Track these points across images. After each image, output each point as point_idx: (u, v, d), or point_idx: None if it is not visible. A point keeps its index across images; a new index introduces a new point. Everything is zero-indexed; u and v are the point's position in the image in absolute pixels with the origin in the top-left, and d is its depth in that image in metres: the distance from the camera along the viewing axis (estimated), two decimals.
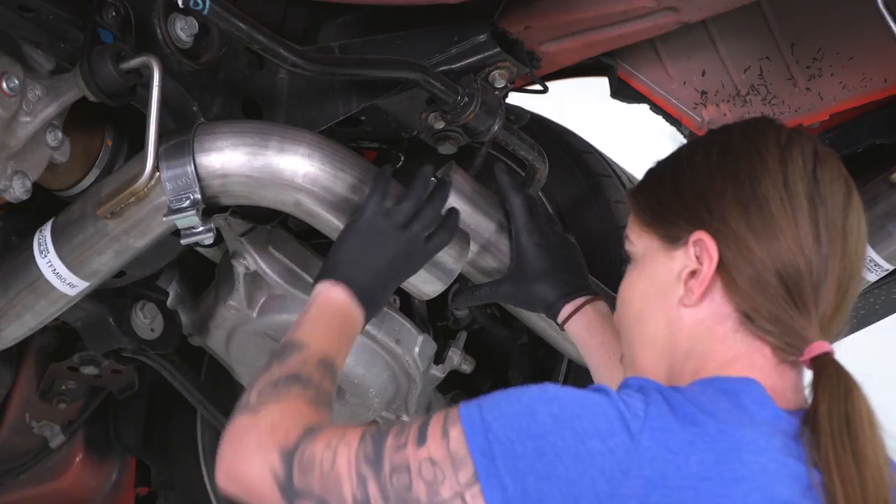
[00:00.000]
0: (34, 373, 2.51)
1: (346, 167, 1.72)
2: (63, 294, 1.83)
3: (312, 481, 1.33)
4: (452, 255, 1.82)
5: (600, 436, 1.24)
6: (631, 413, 1.25)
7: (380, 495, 1.29)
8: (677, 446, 1.24)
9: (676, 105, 2.14)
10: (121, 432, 2.78)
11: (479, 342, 2.36)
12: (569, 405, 1.26)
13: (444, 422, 1.30)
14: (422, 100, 1.83)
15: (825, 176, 1.37)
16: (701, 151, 1.43)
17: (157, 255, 2.00)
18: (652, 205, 1.44)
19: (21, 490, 2.66)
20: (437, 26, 1.83)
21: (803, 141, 1.40)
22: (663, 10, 1.78)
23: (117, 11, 1.69)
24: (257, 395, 1.46)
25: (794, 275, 1.33)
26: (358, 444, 1.33)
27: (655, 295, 1.42)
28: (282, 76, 1.90)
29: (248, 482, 1.38)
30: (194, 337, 2.26)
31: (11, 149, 1.70)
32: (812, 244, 1.34)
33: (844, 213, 1.36)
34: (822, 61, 1.99)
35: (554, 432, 1.24)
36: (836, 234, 1.35)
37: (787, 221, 1.34)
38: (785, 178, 1.35)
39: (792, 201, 1.34)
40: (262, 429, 1.40)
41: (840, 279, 1.35)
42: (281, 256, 2.05)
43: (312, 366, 1.51)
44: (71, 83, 1.70)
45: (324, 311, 1.61)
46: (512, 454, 1.24)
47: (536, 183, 2.00)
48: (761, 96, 2.07)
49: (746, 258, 1.34)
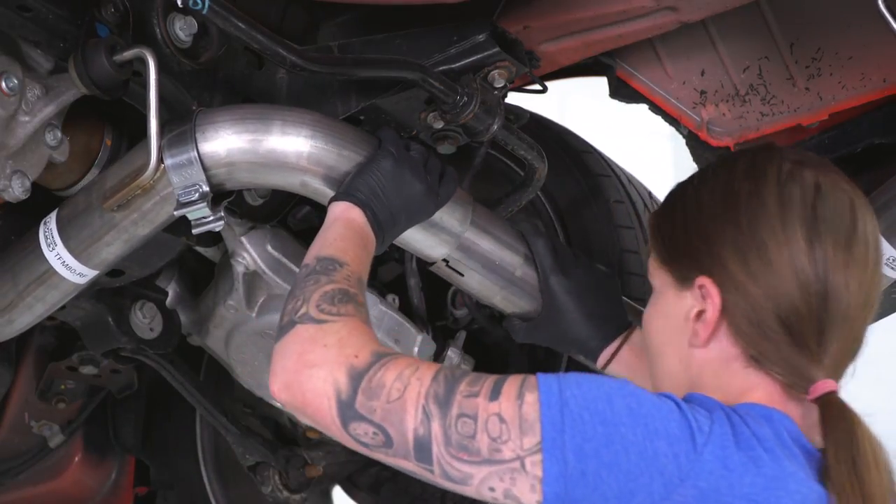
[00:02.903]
0: (33, 372, 2.51)
1: (350, 144, 1.73)
2: (73, 284, 1.85)
3: (376, 407, 1.33)
4: (457, 218, 1.85)
5: (668, 439, 1.27)
6: (698, 427, 1.29)
7: (442, 436, 1.30)
8: (734, 465, 1.27)
9: (676, 105, 2.14)
10: (120, 432, 2.78)
11: (478, 342, 2.36)
12: (646, 403, 1.29)
13: (520, 384, 1.31)
14: (421, 99, 1.83)
15: (826, 212, 1.37)
16: (708, 189, 1.45)
17: (157, 254, 2.00)
18: (666, 244, 1.48)
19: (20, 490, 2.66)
20: (437, 26, 1.83)
21: (804, 174, 1.40)
22: (662, 9, 1.78)
23: (116, 8, 1.69)
24: (316, 308, 1.44)
25: (794, 317, 1.35)
26: (431, 381, 1.33)
27: (670, 332, 1.45)
28: (281, 76, 1.90)
29: (306, 395, 1.36)
30: (193, 336, 2.26)
31: (10, 148, 1.70)
32: (812, 284, 1.35)
33: (848, 247, 1.37)
34: (822, 61, 1.99)
35: (627, 424, 1.27)
36: (838, 271, 1.36)
37: (785, 265, 1.36)
38: (783, 220, 1.37)
39: (790, 245, 1.36)
40: (329, 342, 1.38)
41: (846, 314, 1.36)
42: (280, 256, 2.05)
43: (356, 285, 1.50)
44: (70, 83, 1.70)
45: (348, 230, 1.60)
46: (582, 434, 1.26)
47: (535, 183, 2.00)
48: (760, 96, 2.07)
49: (747, 302, 1.37)
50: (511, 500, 1.29)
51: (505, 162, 2.31)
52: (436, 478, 1.31)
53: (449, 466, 1.30)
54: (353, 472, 2.74)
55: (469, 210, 1.88)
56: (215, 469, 2.75)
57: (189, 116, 1.70)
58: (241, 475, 2.56)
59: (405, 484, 2.69)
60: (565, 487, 1.26)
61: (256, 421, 2.54)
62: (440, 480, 1.31)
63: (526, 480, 1.27)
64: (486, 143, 1.93)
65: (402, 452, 1.32)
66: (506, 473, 1.28)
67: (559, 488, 1.26)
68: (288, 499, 2.47)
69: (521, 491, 1.27)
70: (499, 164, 2.32)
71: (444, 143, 1.91)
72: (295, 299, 1.47)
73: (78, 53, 1.66)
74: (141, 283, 2.16)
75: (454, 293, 2.35)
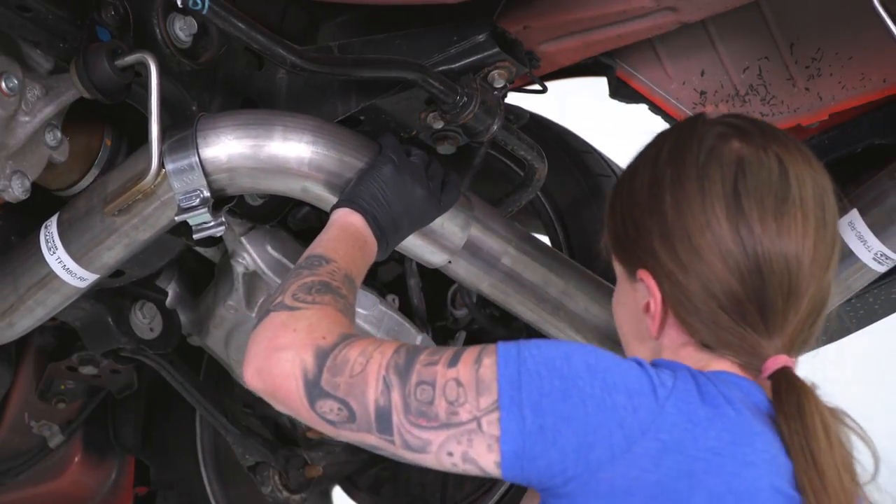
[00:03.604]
0: (33, 372, 2.50)
1: (351, 150, 1.74)
2: (74, 287, 1.85)
3: (339, 382, 1.33)
4: (459, 224, 1.86)
5: (628, 393, 1.27)
6: (660, 382, 1.29)
7: (402, 404, 1.30)
8: (698, 419, 1.27)
9: (675, 105, 2.14)
10: (120, 432, 2.78)
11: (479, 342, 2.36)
12: (604, 359, 1.29)
13: (479, 351, 1.32)
14: (421, 100, 1.83)
15: (749, 185, 1.35)
16: (638, 176, 1.44)
17: (157, 254, 2.00)
18: (612, 236, 1.48)
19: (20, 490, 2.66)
20: (436, 26, 1.83)
21: (724, 149, 1.38)
22: (662, 9, 1.78)
23: (116, 11, 1.69)
24: (291, 297, 1.45)
25: (731, 300, 1.34)
26: (392, 353, 1.33)
27: (630, 320, 1.46)
28: (281, 76, 1.90)
29: (275, 378, 1.37)
30: (193, 337, 2.26)
31: (10, 148, 1.70)
32: (742, 264, 1.33)
33: (779, 215, 1.34)
34: (822, 61, 1.99)
35: (584, 378, 1.27)
36: (770, 244, 1.33)
37: (711, 249, 1.34)
38: (703, 204, 1.35)
39: (712, 228, 1.35)
40: (299, 327, 1.39)
41: (792, 285, 1.34)
42: (280, 256, 2.05)
43: (340, 279, 1.51)
44: (70, 83, 1.70)
45: (345, 233, 1.61)
46: (538, 389, 1.26)
47: (535, 183, 2.00)
48: (760, 96, 2.07)
49: (682, 293, 1.36)
50: (469, 463, 1.28)
51: (505, 162, 2.31)
52: (397, 448, 1.31)
53: (409, 434, 1.30)
54: (353, 473, 2.74)
55: (470, 217, 1.89)
56: (215, 469, 2.75)
57: (190, 121, 1.71)
58: (240, 475, 2.56)
59: (405, 484, 2.70)
60: (523, 444, 1.26)
61: (256, 421, 2.54)
62: (401, 451, 1.31)
63: (483, 440, 1.27)
64: (485, 144, 1.93)
65: (364, 426, 1.32)
66: (463, 436, 1.28)
67: (517, 445, 1.26)
68: (288, 499, 2.47)
69: (479, 452, 1.27)
70: (499, 164, 2.32)
71: (444, 144, 1.91)
72: (275, 293, 1.49)
73: (79, 58, 1.66)
74: (141, 284, 2.16)
75: (454, 293, 2.35)
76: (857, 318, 2.25)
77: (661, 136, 1.48)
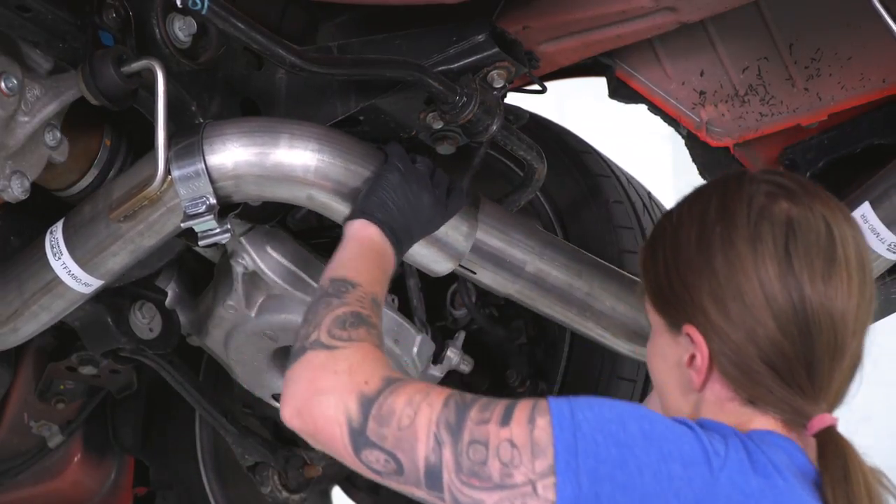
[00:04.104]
0: (32, 372, 2.51)
1: (357, 158, 1.74)
2: (79, 293, 1.86)
3: (387, 434, 1.33)
4: (462, 233, 1.86)
5: (683, 462, 1.26)
6: (713, 450, 1.28)
7: (453, 463, 1.29)
8: (751, 491, 1.27)
9: (675, 105, 2.14)
10: (119, 432, 2.78)
11: (478, 342, 2.36)
12: (659, 426, 1.29)
13: (531, 409, 1.30)
14: (420, 100, 1.83)
15: (799, 245, 1.35)
16: (684, 230, 1.43)
17: (156, 255, 2.00)
18: (653, 289, 1.47)
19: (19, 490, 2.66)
20: (436, 26, 1.84)
21: (774, 209, 1.38)
22: (662, 10, 1.78)
23: (117, 12, 1.69)
24: (327, 334, 1.44)
25: (779, 358, 1.34)
26: (441, 407, 1.32)
27: (668, 372, 1.45)
28: (280, 76, 1.90)
29: (317, 421, 1.37)
30: (193, 337, 2.26)
31: (10, 148, 1.70)
32: (792, 322, 1.34)
33: (828, 276, 1.35)
34: (821, 61, 1.99)
35: (641, 446, 1.26)
36: (819, 303, 1.34)
37: (762, 308, 1.34)
38: (756, 263, 1.35)
39: (764, 287, 1.34)
40: (339, 369, 1.39)
41: (837, 344, 1.35)
42: (279, 256, 2.05)
43: (369, 306, 1.51)
44: (69, 83, 1.70)
45: (364, 249, 1.62)
46: (595, 456, 1.25)
47: (535, 183, 2.01)
48: (760, 96, 2.07)
49: (731, 349, 1.36)
50: None
51: (504, 162, 2.31)
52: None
53: (459, 493, 1.29)
54: (352, 473, 2.74)
55: (475, 227, 1.89)
56: (215, 469, 2.75)
57: (196, 128, 1.71)
58: (240, 475, 2.56)
59: None
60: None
61: (255, 421, 2.54)
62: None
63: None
64: (485, 144, 1.93)
65: (412, 480, 1.32)
66: (517, 498, 1.27)
67: None
68: (287, 499, 2.47)
69: None
70: (498, 164, 2.32)
71: (444, 144, 1.91)
72: (307, 324, 1.48)
73: (86, 65, 1.66)
74: (140, 284, 2.16)
75: (453, 293, 2.36)
76: None
77: (705, 192, 1.46)
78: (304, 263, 2.06)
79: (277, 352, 2.18)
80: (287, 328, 2.08)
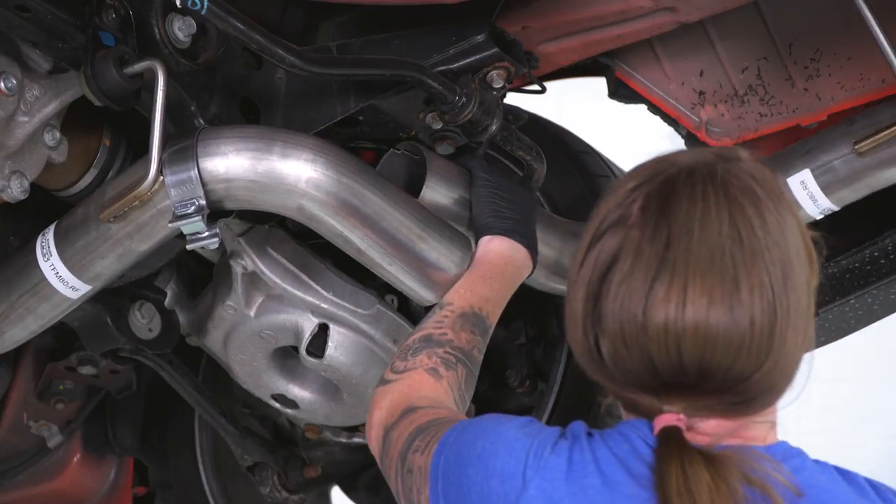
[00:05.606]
0: (32, 373, 2.50)
1: (350, 172, 1.73)
2: (65, 297, 1.84)
3: (388, 465, 1.47)
4: (454, 261, 1.82)
5: (502, 477, 1.26)
6: (533, 460, 1.26)
7: (401, 491, 1.41)
8: (558, 497, 1.23)
9: (674, 105, 2.14)
10: (118, 432, 2.78)
11: None
12: (495, 442, 1.29)
13: (431, 438, 1.38)
14: (420, 100, 1.83)
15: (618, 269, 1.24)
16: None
17: (156, 255, 2.00)
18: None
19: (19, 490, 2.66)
20: (436, 26, 1.84)
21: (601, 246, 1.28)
22: (661, 10, 1.79)
23: (117, 13, 1.69)
24: (391, 369, 1.62)
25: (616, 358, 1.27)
26: (406, 437, 1.43)
27: None
28: (280, 76, 1.90)
29: (372, 448, 1.57)
30: (192, 337, 2.26)
31: (9, 149, 1.70)
32: (631, 327, 1.23)
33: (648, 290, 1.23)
34: (820, 62, 2.00)
35: (474, 466, 1.29)
36: (637, 310, 1.22)
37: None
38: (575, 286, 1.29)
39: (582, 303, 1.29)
40: (383, 405, 1.56)
41: (673, 350, 1.21)
42: (279, 257, 2.05)
43: (448, 324, 1.65)
44: (69, 83, 1.70)
45: (480, 264, 1.78)
46: (447, 480, 1.31)
47: (534, 183, 2.01)
48: (759, 96, 2.07)
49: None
50: None
51: (504, 162, 2.31)
52: None
53: None
54: (352, 473, 2.74)
55: (468, 255, 1.83)
56: (214, 469, 2.75)
57: (188, 125, 1.71)
58: (239, 475, 2.56)
59: None
60: None
61: (255, 421, 2.54)
62: None
63: None
64: (484, 144, 1.93)
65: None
66: None
67: None
68: (286, 499, 2.47)
69: None
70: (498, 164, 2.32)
71: (443, 144, 1.91)
72: (399, 348, 1.68)
73: (88, 67, 1.66)
74: (139, 284, 2.16)
75: None
76: (856, 318, 2.26)
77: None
78: (303, 264, 2.06)
79: (277, 352, 2.18)
80: (286, 328, 2.09)
